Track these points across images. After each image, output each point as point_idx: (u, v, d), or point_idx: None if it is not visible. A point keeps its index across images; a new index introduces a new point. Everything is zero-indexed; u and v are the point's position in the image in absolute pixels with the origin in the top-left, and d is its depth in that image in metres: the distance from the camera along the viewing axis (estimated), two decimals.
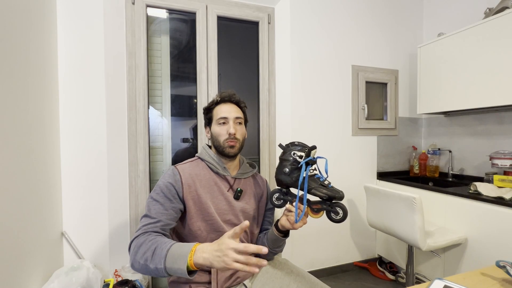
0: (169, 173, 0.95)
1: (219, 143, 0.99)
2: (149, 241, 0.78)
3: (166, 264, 0.72)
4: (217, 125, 1.00)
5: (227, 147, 0.98)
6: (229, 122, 0.99)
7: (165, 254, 0.72)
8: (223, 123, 0.99)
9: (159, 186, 0.92)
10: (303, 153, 0.87)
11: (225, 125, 0.99)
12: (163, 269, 0.72)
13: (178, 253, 0.72)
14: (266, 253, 0.67)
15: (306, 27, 1.95)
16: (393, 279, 1.99)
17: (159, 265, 0.72)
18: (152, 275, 0.76)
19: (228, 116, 0.99)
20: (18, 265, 1.09)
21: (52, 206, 1.40)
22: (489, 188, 1.52)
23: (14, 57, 1.09)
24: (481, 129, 1.93)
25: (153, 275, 0.76)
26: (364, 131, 2.13)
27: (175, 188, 0.92)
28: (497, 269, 0.77)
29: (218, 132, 0.99)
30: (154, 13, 1.77)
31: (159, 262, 0.72)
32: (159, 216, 0.86)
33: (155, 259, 0.74)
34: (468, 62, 1.71)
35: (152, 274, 0.76)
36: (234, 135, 0.98)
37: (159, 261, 0.73)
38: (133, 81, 1.65)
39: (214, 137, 1.01)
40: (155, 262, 0.73)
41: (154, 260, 0.74)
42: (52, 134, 1.43)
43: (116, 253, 1.61)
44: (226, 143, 0.98)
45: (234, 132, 0.97)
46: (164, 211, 0.88)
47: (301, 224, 0.88)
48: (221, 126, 0.99)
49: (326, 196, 0.85)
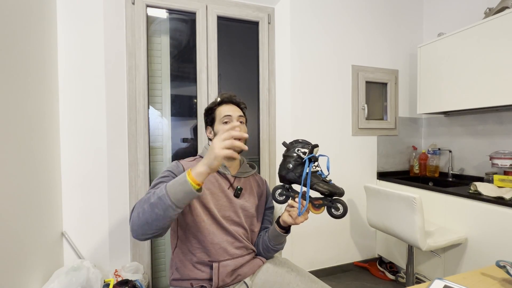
0: (173, 164, 0.98)
1: None
2: (145, 196, 0.79)
3: (168, 189, 0.72)
4: (221, 124, 1.03)
5: None
6: (233, 120, 1.02)
7: (165, 185, 0.74)
8: (228, 121, 1.02)
9: (162, 173, 0.94)
10: (307, 149, 0.89)
11: (229, 123, 1.02)
12: (165, 194, 0.71)
13: (176, 180, 0.73)
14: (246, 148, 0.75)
15: (306, 27, 1.95)
16: (393, 279, 1.99)
17: (161, 192, 0.72)
18: (155, 218, 0.73)
19: (232, 114, 1.03)
20: (18, 265, 1.09)
21: (52, 206, 1.40)
22: (489, 188, 1.52)
23: (14, 57, 1.09)
24: (481, 129, 1.93)
25: (157, 217, 0.72)
26: (364, 131, 2.13)
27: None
28: (497, 269, 0.77)
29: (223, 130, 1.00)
30: (154, 13, 1.77)
31: (160, 191, 0.73)
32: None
33: (156, 192, 0.74)
34: (468, 62, 1.71)
35: (155, 215, 0.72)
36: None
37: (160, 190, 0.73)
38: (133, 81, 1.65)
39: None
40: (156, 194, 0.73)
41: (155, 194, 0.74)
42: (52, 134, 1.43)
43: (116, 253, 1.61)
44: None
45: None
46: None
47: (303, 219, 0.89)
48: (226, 125, 1.01)
49: (328, 192, 0.87)
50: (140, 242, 1.66)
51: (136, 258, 1.65)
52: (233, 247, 0.97)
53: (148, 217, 0.74)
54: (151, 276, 1.73)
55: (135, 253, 1.65)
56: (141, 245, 1.67)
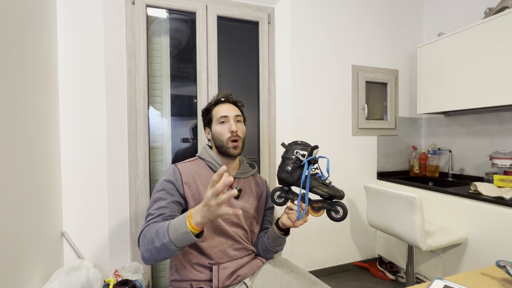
0: (170, 171, 0.97)
1: (222, 142, 1.00)
2: (152, 228, 0.82)
3: (170, 235, 0.75)
4: (218, 124, 1.02)
5: (231, 148, 1.00)
6: (230, 120, 1.01)
7: (167, 228, 0.76)
8: (224, 122, 1.01)
9: (160, 184, 0.94)
10: (306, 152, 0.88)
11: (226, 123, 1.01)
12: (169, 241, 0.75)
13: (178, 222, 0.76)
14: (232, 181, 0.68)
15: (306, 27, 1.95)
16: (393, 279, 1.99)
17: (165, 239, 0.75)
18: (163, 256, 0.80)
19: (228, 114, 1.02)
20: (18, 265, 1.09)
21: (52, 206, 1.40)
22: (489, 188, 1.52)
23: (14, 57, 1.09)
24: (481, 129, 1.93)
25: (164, 255, 0.79)
26: (364, 131, 2.13)
27: (175, 185, 0.94)
28: (497, 269, 0.77)
29: (220, 131, 1.01)
30: (154, 13, 1.77)
31: (164, 237, 0.76)
32: (161, 210, 0.89)
33: (159, 236, 0.77)
34: (469, 62, 1.71)
35: (162, 255, 0.79)
36: (236, 133, 0.99)
37: (163, 235, 0.76)
38: (133, 81, 1.65)
39: (216, 136, 1.02)
40: (160, 239, 0.77)
41: (158, 237, 0.77)
42: (52, 134, 1.43)
43: (116, 253, 1.61)
44: (230, 143, 0.99)
45: (236, 130, 0.99)
46: (166, 204, 0.90)
47: (302, 222, 0.89)
48: (223, 125, 1.01)
49: (327, 195, 0.86)
50: None
51: (136, 258, 1.65)
52: (233, 249, 0.97)
53: (157, 256, 0.80)
54: (151, 276, 1.73)
55: (135, 253, 1.65)
56: None
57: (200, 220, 0.72)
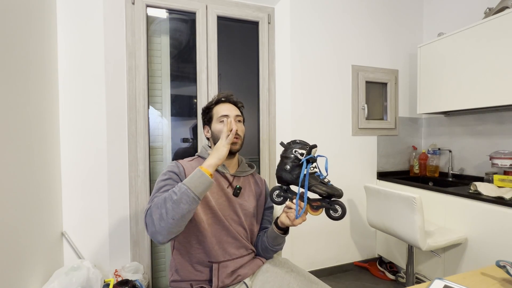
0: (173, 164, 0.99)
1: None
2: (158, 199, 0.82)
3: (187, 185, 0.78)
4: (218, 123, 1.03)
5: None
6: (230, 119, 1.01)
7: (181, 184, 0.79)
8: (224, 121, 1.01)
9: (165, 174, 0.95)
10: (304, 151, 0.88)
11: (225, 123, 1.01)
12: (187, 189, 0.77)
13: (191, 177, 0.81)
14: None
15: (306, 26, 1.95)
16: (393, 279, 1.99)
17: (183, 188, 0.78)
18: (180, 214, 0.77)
19: (229, 114, 1.03)
20: (18, 265, 1.09)
21: (52, 206, 1.40)
22: (489, 188, 1.52)
23: (14, 57, 1.09)
24: (481, 129, 1.93)
25: (181, 211, 0.76)
26: (364, 131, 2.13)
27: (179, 177, 0.94)
28: (497, 269, 0.77)
29: (220, 129, 1.01)
30: (154, 13, 1.77)
31: (179, 189, 0.78)
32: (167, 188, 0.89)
33: (174, 192, 0.78)
34: (468, 62, 1.71)
35: (179, 212, 0.76)
36: (236, 131, 0.99)
37: (179, 189, 0.78)
38: (133, 81, 1.65)
39: (216, 134, 1.03)
40: (175, 193, 0.78)
41: (172, 195, 0.78)
42: (52, 134, 1.43)
43: (116, 253, 1.61)
44: None
45: (236, 128, 0.99)
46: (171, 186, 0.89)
47: (301, 221, 0.89)
48: (223, 124, 1.01)
49: (326, 194, 0.86)
50: (140, 242, 1.66)
51: (136, 258, 1.65)
52: (233, 247, 0.97)
53: (175, 214, 0.77)
54: (151, 276, 1.73)
55: (135, 253, 1.65)
56: (141, 245, 1.67)
57: (211, 162, 0.83)
